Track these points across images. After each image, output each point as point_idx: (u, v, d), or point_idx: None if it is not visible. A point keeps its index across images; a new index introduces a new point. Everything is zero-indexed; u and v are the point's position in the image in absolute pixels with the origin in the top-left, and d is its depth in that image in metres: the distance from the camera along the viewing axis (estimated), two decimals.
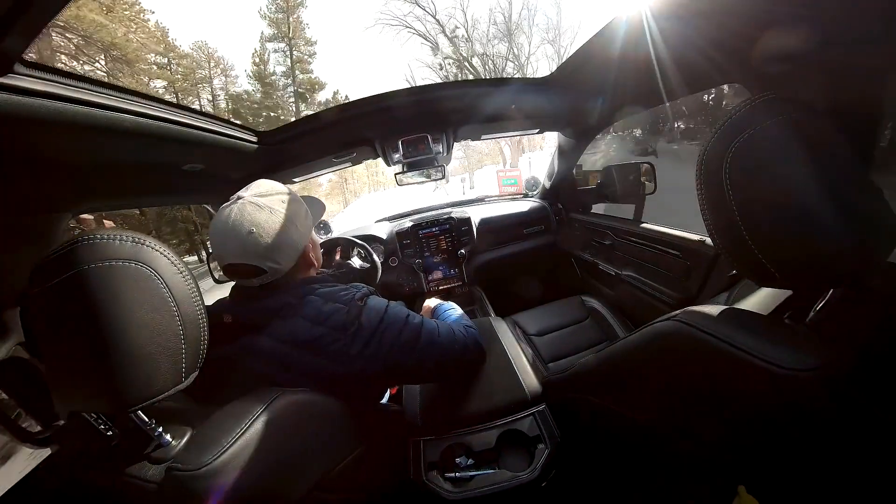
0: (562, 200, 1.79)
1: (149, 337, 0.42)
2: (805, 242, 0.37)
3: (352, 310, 0.62)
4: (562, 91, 1.08)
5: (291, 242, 0.62)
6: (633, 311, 1.29)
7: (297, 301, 0.62)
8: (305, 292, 0.63)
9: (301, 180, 1.51)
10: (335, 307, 0.61)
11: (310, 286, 0.64)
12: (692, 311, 0.46)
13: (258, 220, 0.58)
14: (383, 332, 0.62)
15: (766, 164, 0.38)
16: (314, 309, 0.61)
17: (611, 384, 0.61)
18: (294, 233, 0.63)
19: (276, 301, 0.62)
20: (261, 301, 0.62)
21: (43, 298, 0.41)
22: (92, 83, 0.51)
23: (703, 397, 0.44)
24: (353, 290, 0.66)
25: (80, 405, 0.48)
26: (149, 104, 0.60)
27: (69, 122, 0.49)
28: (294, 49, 16.83)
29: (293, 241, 0.63)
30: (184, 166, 0.85)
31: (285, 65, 17.10)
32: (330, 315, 0.60)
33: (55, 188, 0.63)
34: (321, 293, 0.63)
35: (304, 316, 0.60)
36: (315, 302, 0.62)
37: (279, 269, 0.62)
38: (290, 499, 0.49)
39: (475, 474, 0.64)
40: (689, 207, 0.59)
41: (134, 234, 0.44)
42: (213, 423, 0.47)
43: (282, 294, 0.62)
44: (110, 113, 0.53)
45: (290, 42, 16.63)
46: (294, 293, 0.63)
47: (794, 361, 0.35)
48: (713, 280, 0.91)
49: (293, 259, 0.64)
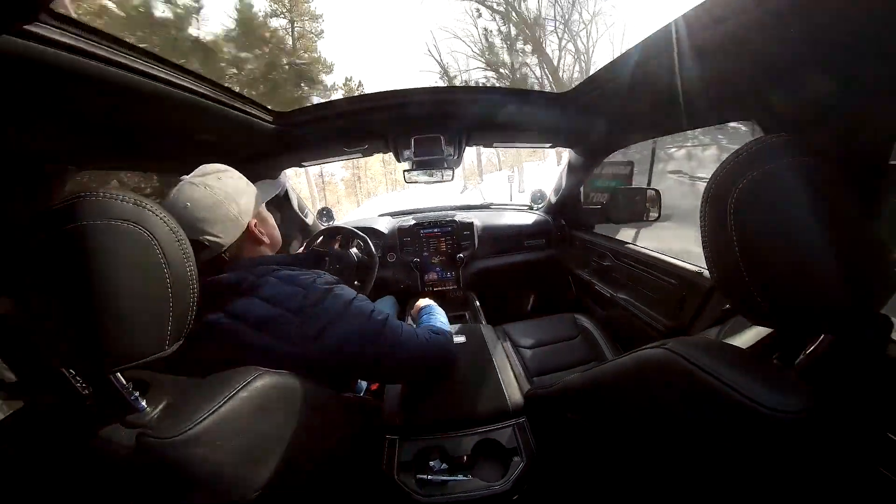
0: (565, 216, 1.80)
1: (137, 301, 0.42)
2: (802, 287, 0.37)
3: (310, 294, 0.61)
4: (578, 109, 1.09)
5: (230, 216, 0.64)
6: (623, 335, 1.29)
7: (255, 279, 0.62)
8: (263, 272, 0.63)
9: (311, 164, 1.52)
10: (294, 290, 0.61)
11: (269, 266, 0.65)
12: (682, 340, 0.46)
13: (193, 195, 0.61)
14: (343, 321, 0.62)
15: (772, 204, 0.38)
16: (272, 289, 0.61)
17: (593, 404, 0.61)
18: (232, 207, 0.65)
19: (235, 276, 0.62)
20: (219, 277, 0.62)
21: (38, 248, 0.41)
22: (116, 43, 0.51)
23: (682, 429, 0.44)
24: (315, 275, 0.66)
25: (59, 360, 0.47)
26: (169, 70, 0.60)
27: (89, 78, 0.49)
28: (296, 23, 13.64)
29: (232, 215, 0.64)
30: (197, 136, 0.85)
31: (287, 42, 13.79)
32: (288, 297, 0.60)
33: (65, 140, 0.63)
34: (281, 275, 0.63)
35: (260, 296, 0.60)
36: (273, 283, 0.62)
37: (219, 242, 0.63)
38: (259, 478, 0.49)
39: (447, 479, 0.63)
40: None
41: (137, 197, 0.44)
42: (189, 396, 0.47)
43: (240, 271, 0.63)
44: (130, 74, 0.53)
45: (291, 17, 13.45)
46: (252, 271, 0.63)
47: (778, 403, 0.35)
48: (707, 312, 0.91)
49: (234, 233, 0.65)
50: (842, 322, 0.38)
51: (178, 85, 0.62)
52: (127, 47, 0.51)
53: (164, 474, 0.42)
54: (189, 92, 0.65)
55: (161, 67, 0.58)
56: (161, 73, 0.58)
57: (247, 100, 0.84)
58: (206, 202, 0.62)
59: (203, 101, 0.69)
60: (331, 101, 1.10)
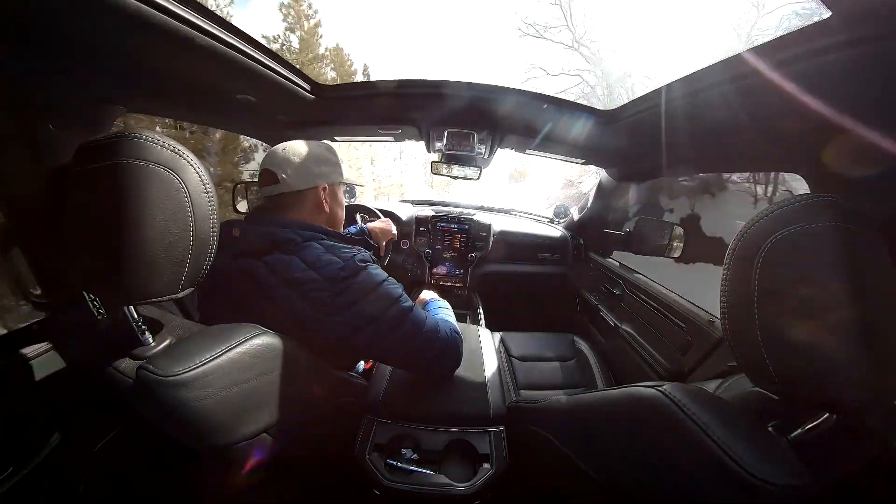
0: (585, 236, 1.76)
1: (161, 243, 0.44)
2: (816, 359, 0.35)
3: (347, 266, 0.63)
4: (619, 129, 1.06)
5: (307, 169, 0.72)
6: (619, 368, 1.26)
7: (300, 241, 0.65)
8: (309, 237, 0.66)
9: (343, 140, 1.54)
10: (333, 259, 0.63)
11: (315, 233, 0.68)
12: (678, 386, 0.45)
13: (292, 145, 0.74)
14: (370, 300, 0.63)
15: (803, 266, 0.36)
16: (313, 254, 0.63)
17: (575, 430, 0.60)
18: (314, 166, 0.73)
19: (281, 234, 0.65)
20: (270, 226, 0.66)
21: (81, 176, 0.44)
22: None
23: (660, 477, 0.43)
24: (356, 251, 0.67)
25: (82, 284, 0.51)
26: (221, 29, 0.62)
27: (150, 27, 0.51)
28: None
29: (310, 170, 0.73)
30: (238, 95, 0.88)
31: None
32: (326, 264, 0.62)
33: (116, 82, 0.67)
34: (324, 243, 0.66)
35: (301, 257, 0.63)
36: (316, 249, 0.64)
37: (288, 182, 0.70)
38: (241, 430, 0.51)
39: (415, 470, 0.64)
40: None
41: (175, 144, 0.46)
42: (191, 341, 0.49)
43: (287, 231, 0.66)
44: (187, 28, 0.55)
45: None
46: (299, 234, 0.66)
47: (767, 473, 0.33)
48: (709, 364, 0.88)
49: (303, 183, 0.72)
50: (852, 406, 0.36)
51: (231, 45, 0.64)
52: (186, 1, 0.53)
53: (156, 408, 0.44)
54: (239, 52, 0.67)
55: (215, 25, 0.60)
56: (216, 30, 0.60)
57: (290, 66, 0.86)
58: (298, 152, 0.72)
59: (249, 61, 0.71)
60: (372, 81, 1.10)
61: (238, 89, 0.85)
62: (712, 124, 0.72)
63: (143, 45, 0.56)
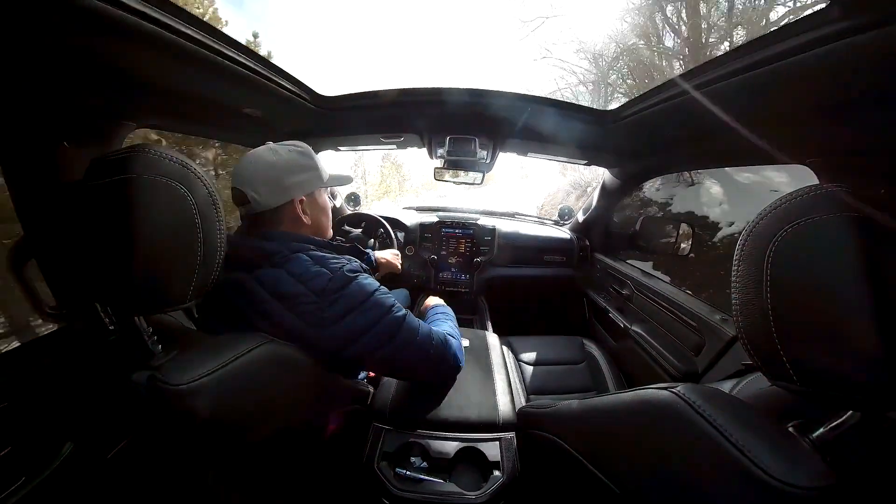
0: (591, 238, 1.75)
1: (170, 255, 0.45)
2: (836, 355, 0.34)
3: (336, 278, 0.62)
4: (621, 129, 1.06)
5: (277, 184, 0.68)
6: (630, 370, 1.24)
7: (287, 254, 0.64)
8: (296, 248, 0.65)
9: (346, 150, 1.56)
10: (321, 271, 0.62)
11: (302, 244, 0.67)
12: (692, 387, 0.43)
13: (260, 154, 0.69)
14: (362, 311, 0.62)
15: (817, 260, 0.35)
16: (300, 267, 0.62)
17: (587, 435, 0.59)
18: (285, 178, 0.69)
19: (270, 246, 0.65)
20: (257, 241, 0.66)
21: (94, 191, 0.45)
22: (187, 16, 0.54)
23: (677, 482, 0.42)
24: (345, 261, 0.66)
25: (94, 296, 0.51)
26: (227, 46, 0.64)
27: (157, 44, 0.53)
28: None
29: (280, 184, 0.68)
30: (244, 109, 0.90)
31: None
32: (314, 277, 0.61)
33: (128, 100, 0.69)
34: (312, 255, 0.65)
35: (288, 270, 0.62)
36: (303, 261, 0.63)
37: (258, 200, 0.67)
38: (250, 437, 0.51)
39: (424, 479, 0.63)
40: None
41: (183, 159, 0.47)
42: (200, 350, 0.50)
43: (275, 243, 0.65)
44: (195, 46, 0.57)
45: None
46: (287, 246, 0.65)
47: (788, 475, 0.32)
48: (723, 364, 0.86)
49: (275, 200, 0.68)
50: (874, 401, 0.34)
51: (236, 60, 0.66)
52: (186, 16, 0.54)
53: (168, 416, 0.45)
54: (243, 67, 0.69)
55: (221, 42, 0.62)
56: (221, 47, 0.62)
57: (292, 79, 0.87)
58: (266, 163, 0.68)
59: (253, 75, 0.73)
60: (374, 91, 1.12)
61: (244, 103, 0.87)
62: (715, 119, 0.71)
63: (155, 63, 0.58)
